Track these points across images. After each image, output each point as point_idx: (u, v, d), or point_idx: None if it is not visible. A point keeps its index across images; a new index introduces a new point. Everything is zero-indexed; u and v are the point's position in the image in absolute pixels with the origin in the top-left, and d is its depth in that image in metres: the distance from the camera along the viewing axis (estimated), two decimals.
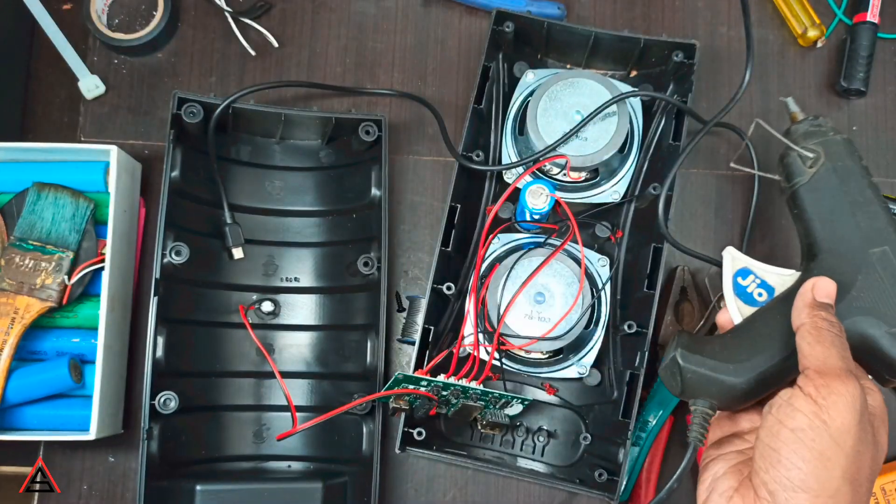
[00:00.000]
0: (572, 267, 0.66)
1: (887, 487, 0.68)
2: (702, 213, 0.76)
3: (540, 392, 0.70)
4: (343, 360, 0.71)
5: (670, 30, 0.79)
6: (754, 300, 0.58)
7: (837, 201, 0.58)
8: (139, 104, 0.76)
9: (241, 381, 0.70)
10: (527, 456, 0.70)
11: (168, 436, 0.65)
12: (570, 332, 0.65)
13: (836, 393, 0.47)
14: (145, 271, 0.73)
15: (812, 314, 0.51)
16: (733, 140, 0.76)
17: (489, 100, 0.72)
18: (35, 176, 0.68)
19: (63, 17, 0.76)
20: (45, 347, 0.68)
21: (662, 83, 0.73)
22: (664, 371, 0.56)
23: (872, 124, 0.77)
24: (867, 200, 0.58)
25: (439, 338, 0.68)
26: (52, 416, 0.67)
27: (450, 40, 0.78)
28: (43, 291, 0.65)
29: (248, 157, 0.73)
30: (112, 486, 0.70)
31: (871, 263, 0.55)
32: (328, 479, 0.67)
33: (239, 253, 0.71)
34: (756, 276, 0.58)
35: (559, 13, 0.77)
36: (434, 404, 0.64)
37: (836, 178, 0.58)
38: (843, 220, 0.57)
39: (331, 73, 0.77)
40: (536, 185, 0.66)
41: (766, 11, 0.79)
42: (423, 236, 0.75)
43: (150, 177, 0.75)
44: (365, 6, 0.79)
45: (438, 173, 0.76)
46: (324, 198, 0.74)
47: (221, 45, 0.77)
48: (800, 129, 0.62)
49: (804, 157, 0.60)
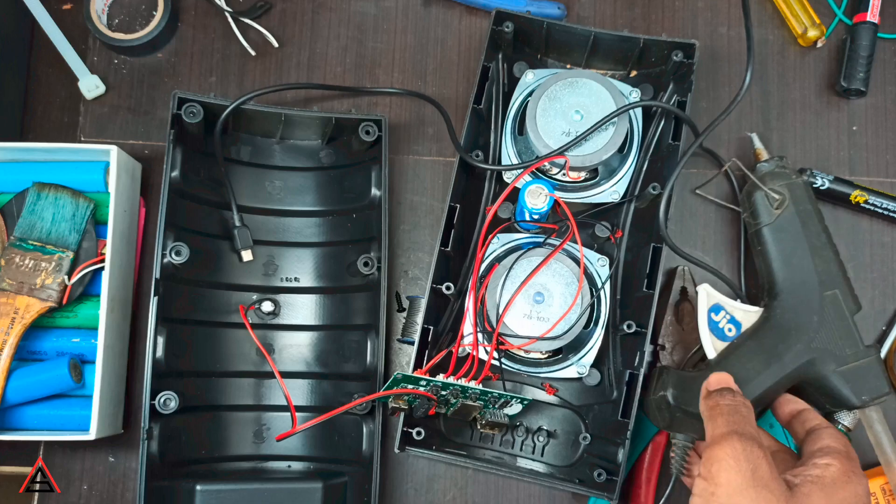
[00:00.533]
0: (571, 267, 0.67)
1: (887, 487, 0.68)
2: (702, 213, 0.76)
3: (539, 392, 0.70)
4: (343, 360, 0.71)
5: (670, 30, 0.79)
6: (725, 335, 0.63)
7: (799, 244, 0.63)
8: (139, 104, 0.76)
9: (241, 381, 0.71)
10: (526, 456, 0.70)
11: (168, 436, 0.65)
12: (570, 332, 0.65)
13: (715, 459, 0.49)
14: (145, 271, 0.73)
15: (705, 403, 0.55)
16: (733, 139, 0.76)
17: (489, 100, 0.72)
18: (35, 176, 0.68)
19: (63, 17, 0.76)
20: (45, 347, 0.68)
21: (662, 83, 0.73)
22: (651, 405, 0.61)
23: (872, 124, 0.77)
24: (822, 244, 0.64)
25: (439, 338, 0.68)
26: (52, 416, 0.67)
27: (450, 40, 0.78)
28: (43, 291, 0.65)
29: (249, 157, 0.73)
30: (112, 486, 0.71)
31: (825, 306, 0.61)
32: (328, 479, 0.67)
33: (248, 255, 0.71)
34: (726, 312, 0.63)
35: (559, 13, 0.77)
36: (433, 404, 0.64)
37: (798, 221, 0.64)
38: (803, 263, 0.63)
39: (331, 73, 0.78)
40: (536, 184, 0.66)
41: (766, 11, 0.79)
42: (423, 236, 0.76)
43: (150, 177, 0.75)
44: (365, 6, 0.79)
45: (438, 173, 0.76)
46: (324, 198, 0.74)
47: (221, 45, 0.77)
48: (765, 167, 0.67)
49: (771, 198, 0.64)
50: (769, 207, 0.64)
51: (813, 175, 0.73)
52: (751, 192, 0.66)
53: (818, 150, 0.77)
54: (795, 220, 0.64)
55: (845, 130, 0.77)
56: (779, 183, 0.65)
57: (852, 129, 0.77)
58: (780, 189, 0.64)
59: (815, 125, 0.77)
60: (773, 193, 0.64)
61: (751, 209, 0.66)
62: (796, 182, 0.65)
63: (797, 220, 0.64)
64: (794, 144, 0.77)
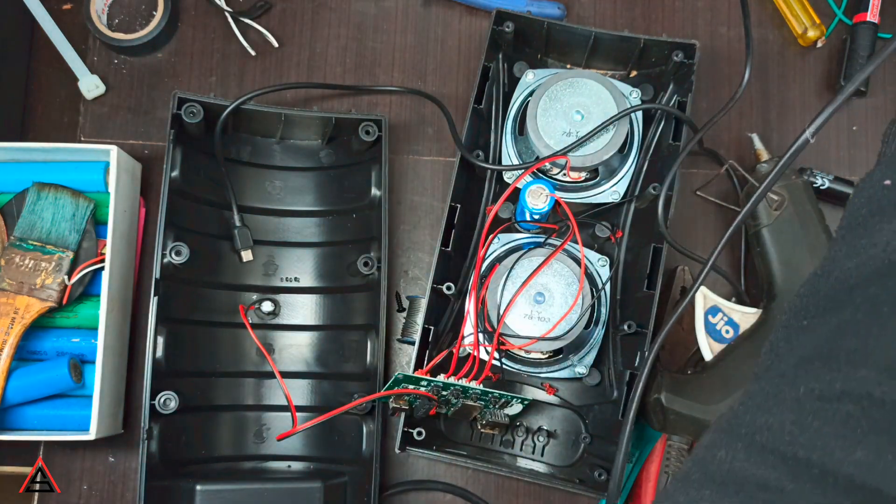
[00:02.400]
0: (572, 267, 0.66)
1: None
2: (703, 214, 0.75)
3: (540, 392, 0.70)
4: (343, 360, 0.71)
5: (670, 30, 0.79)
6: (722, 337, 0.63)
7: (798, 245, 0.62)
8: (139, 104, 0.76)
9: (241, 381, 0.71)
10: (527, 456, 0.70)
11: (168, 436, 0.65)
12: (570, 332, 0.65)
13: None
14: (145, 271, 0.73)
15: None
16: (734, 139, 0.76)
17: (489, 100, 0.72)
18: (35, 176, 0.68)
19: (63, 17, 0.76)
20: (45, 347, 0.68)
21: (662, 83, 0.73)
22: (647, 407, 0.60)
23: (872, 124, 0.77)
24: (822, 245, 0.63)
25: (439, 338, 0.68)
26: (52, 416, 0.67)
27: (450, 40, 0.78)
28: (43, 291, 0.65)
29: (248, 157, 0.73)
30: (112, 486, 0.71)
31: None
32: (328, 479, 0.67)
33: (248, 255, 0.71)
34: (724, 314, 0.62)
35: (559, 13, 0.77)
36: (434, 404, 0.64)
37: (797, 221, 0.63)
38: (803, 265, 0.62)
39: (331, 73, 0.78)
40: (536, 185, 0.66)
41: (766, 11, 0.79)
42: (423, 236, 0.76)
43: (150, 177, 0.75)
44: (365, 6, 0.79)
45: (438, 173, 0.76)
46: (324, 198, 0.74)
47: (221, 45, 0.77)
48: (765, 168, 0.66)
49: (770, 199, 0.63)
50: (768, 209, 0.64)
51: (813, 175, 0.73)
52: (750, 193, 0.66)
53: (818, 150, 0.77)
54: (794, 222, 0.64)
55: (845, 130, 0.77)
56: (778, 184, 0.65)
57: (852, 129, 0.77)
58: (780, 190, 0.64)
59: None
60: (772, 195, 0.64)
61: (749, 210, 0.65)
62: (796, 183, 0.65)
63: (796, 221, 0.64)
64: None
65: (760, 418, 0.36)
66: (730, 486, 0.34)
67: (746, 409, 0.37)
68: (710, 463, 0.36)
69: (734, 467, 0.35)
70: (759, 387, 0.38)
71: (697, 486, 0.35)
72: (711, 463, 0.36)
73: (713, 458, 0.36)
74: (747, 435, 0.36)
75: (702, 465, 0.36)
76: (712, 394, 0.60)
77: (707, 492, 0.35)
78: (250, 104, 0.69)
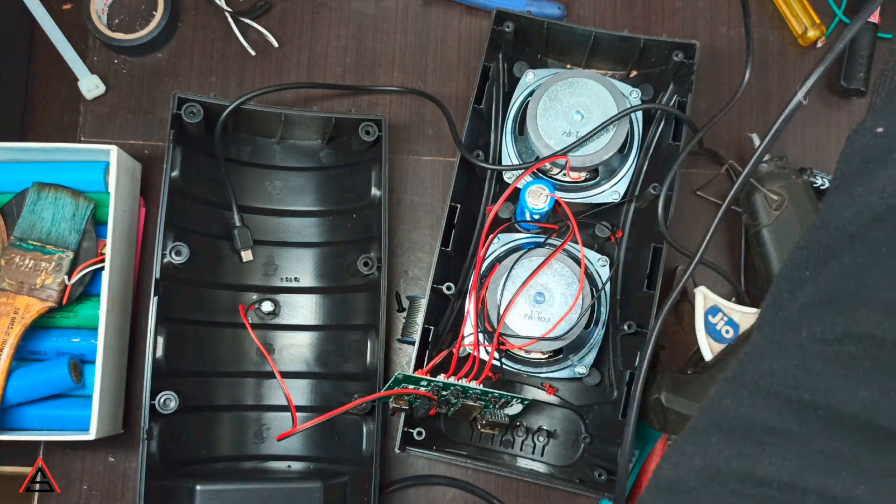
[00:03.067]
0: (572, 267, 0.66)
1: None
2: (703, 214, 0.75)
3: (540, 392, 0.70)
4: (343, 360, 0.71)
5: (670, 30, 0.79)
6: (722, 337, 0.63)
7: None
8: (139, 104, 0.76)
9: (241, 381, 0.71)
10: (527, 456, 0.70)
11: (168, 436, 0.65)
12: (570, 332, 0.65)
13: None
14: (145, 271, 0.73)
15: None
16: (734, 139, 0.76)
17: (489, 100, 0.72)
18: (35, 176, 0.68)
19: (63, 17, 0.76)
20: (45, 347, 0.68)
21: (662, 83, 0.73)
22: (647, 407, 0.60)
23: None
24: None
25: (439, 338, 0.68)
26: (52, 416, 0.67)
27: (450, 40, 0.78)
28: (43, 291, 0.65)
29: (248, 157, 0.73)
30: (112, 486, 0.70)
31: None
32: (328, 479, 0.67)
33: (248, 255, 0.71)
34: (724, 314, 0.62)
35: (559, 13, 0.77)
36: (434, 404, 0.64)
37: (797, 221, 0.63)
38: None
39: (331, 73, 0.77)
40: (536, 185, 0.66)
41: (766, 11, 0.79)
42: (423, 236, 0.76)
43: (150, 177, 0.75)
44: (365, 6, 0.79)
45: (438, 173, 0.76)
46: (324, 198, 0.74)
47: (221, 45, 0.77)
48: (765, 168, 0.66)
49: (770, 199, 0.63)
50: (768, 208, 0.64)
51: (813, 174, 0.73)
52: (750, 193, 0.66)
53: (818, 150, 0.77)
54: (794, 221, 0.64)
55: (845, 130, 0.77)
56: (778, 184, 0.65)
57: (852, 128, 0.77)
58: (780, 190, 0.64)
59: (815, 125, 0.77)
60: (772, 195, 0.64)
61: (750, 210, 0.66)
62: (795, 183, 0.65)
63: (796, 221, 0.64)
64: (794, 144, 0.77)
65: (765, 365, 0.36)
66: (736, 432, 0.35)
67: (750, 358, 0.37)
68: (717, 411, 0.36)
69: (740, 413, 0.35)
70: (762, 336, 0.38)
71: (705, 435, 0.35)
72: (718, 411, 0.36)
73: (719, 406, 0.36)
74: (752, 382, 0.36)
75: (708, 413, 0.36)
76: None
77: (714, 439, 0.35)
78: (250, 104, 0.69)
